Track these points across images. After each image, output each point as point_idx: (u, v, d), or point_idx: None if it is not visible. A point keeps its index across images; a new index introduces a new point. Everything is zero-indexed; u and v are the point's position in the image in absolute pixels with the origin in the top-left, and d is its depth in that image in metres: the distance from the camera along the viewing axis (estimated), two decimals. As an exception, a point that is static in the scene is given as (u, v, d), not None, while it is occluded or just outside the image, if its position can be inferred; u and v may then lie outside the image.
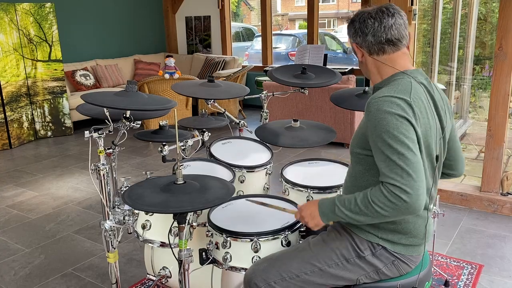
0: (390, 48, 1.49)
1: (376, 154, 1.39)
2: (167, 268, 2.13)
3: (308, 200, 2.07)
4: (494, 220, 3.26)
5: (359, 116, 4.94)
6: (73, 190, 4.11)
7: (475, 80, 6.46)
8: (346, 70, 6.29)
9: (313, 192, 2.06)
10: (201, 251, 1.72)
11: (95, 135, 1.94)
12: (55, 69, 5.92)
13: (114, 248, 2.12)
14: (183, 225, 1.56)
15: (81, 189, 4.14)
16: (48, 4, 5.76)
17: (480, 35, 6.55)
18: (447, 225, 3.16)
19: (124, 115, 1.87)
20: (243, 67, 6.75)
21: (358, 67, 6.71)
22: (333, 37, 11.96)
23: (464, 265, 2.68)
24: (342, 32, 18.80)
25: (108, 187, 2.07)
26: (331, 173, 2.28)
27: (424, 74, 1.54)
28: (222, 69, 7.03)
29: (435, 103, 1.50)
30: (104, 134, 1.97)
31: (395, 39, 1.48)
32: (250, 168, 2.24)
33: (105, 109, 1.86)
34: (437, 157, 1.51)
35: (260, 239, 1.64)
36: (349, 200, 1.42)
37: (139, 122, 1.92)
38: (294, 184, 2.12)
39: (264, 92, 2.62)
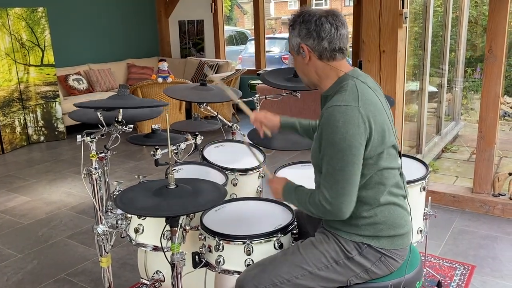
0: (340, 55, 1.52)
1: (323, 158, 1.46)
2: (160, 272, 2.13)
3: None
4: (486, 221, 3.28)
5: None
6: (66, 195, 4.09)
7: (467, 83, 6.52)
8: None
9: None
10: (194, 254, 1.72)
11: (87, 139, 1.94)
12: (48, 74, 5.90)
13: (107, 253, 2.12)
14: (175, 228, 1.56)
15: (74, 193, 4.12)
16: (40, 9, 5.75)
17: (471, 37, 6.62)
18: (440, 227, 3.18)
19: (116, 118, 1.87)
20: (237, 70, 6.76)
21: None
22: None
23: (457, 266, 2.70)
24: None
25: (101, 191, 2.07)
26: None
27: (358, 70, 1.55)
28: (215, 73, 7.04)
29: (379, 97, 1.53)
30: (96, 138, 1.97)
31: (344, 48, 1.51)
32: (243, 171, 2.25)
33: (98, 112, 1.86)
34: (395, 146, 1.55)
35: (253, 242, 1.64)
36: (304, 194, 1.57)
37: (131, 126, 1.92)
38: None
39: (256, 95, 2.63)
